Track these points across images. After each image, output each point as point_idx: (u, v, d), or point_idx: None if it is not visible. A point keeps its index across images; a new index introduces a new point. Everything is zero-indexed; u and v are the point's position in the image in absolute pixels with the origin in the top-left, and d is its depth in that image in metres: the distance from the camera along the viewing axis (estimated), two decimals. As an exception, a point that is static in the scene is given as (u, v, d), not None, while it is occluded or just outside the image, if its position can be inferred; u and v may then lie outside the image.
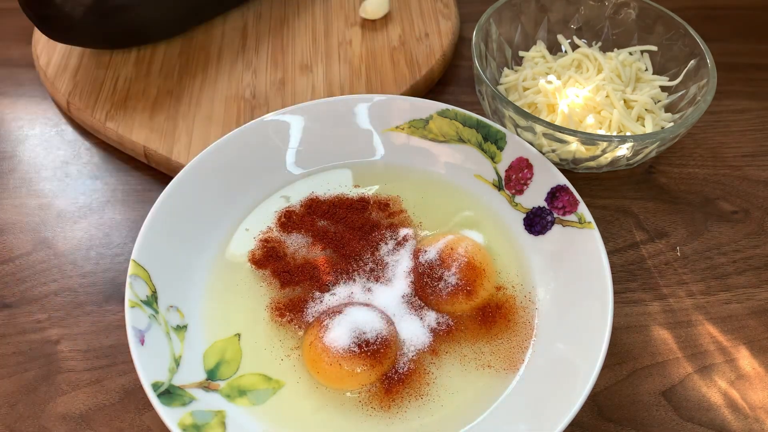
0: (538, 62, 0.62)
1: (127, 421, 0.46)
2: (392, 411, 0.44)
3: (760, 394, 0.49)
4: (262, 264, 0.50)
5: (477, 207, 0.55)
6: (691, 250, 0.57)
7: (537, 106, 0.59)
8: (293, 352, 0.46)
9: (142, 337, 0.43)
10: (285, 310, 0.48)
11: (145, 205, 0.57)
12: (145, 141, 0.59)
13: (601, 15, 0.64)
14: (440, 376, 0.46)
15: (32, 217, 0.57)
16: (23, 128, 0.64)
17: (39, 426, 0.46)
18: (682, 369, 0.50)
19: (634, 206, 0.59)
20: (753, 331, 0.52)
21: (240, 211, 0.53)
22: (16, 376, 0.48)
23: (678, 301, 0.53)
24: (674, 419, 0.47)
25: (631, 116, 0.57)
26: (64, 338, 0.50)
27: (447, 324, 0.47)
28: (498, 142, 0.54)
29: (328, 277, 0.49)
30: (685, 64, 0.60)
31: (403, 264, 0.50)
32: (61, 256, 0.54)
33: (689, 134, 0.65)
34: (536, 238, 0.52)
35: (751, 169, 0.63)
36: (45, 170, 0.61)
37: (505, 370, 0.46)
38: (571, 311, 0.47)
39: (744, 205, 0.60)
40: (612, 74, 0.59)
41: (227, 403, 0.44)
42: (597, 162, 0.56)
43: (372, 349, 0.44)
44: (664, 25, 0.61)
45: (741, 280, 0.55)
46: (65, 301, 0.52)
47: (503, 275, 0.51)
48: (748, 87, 0.69)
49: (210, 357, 0.46)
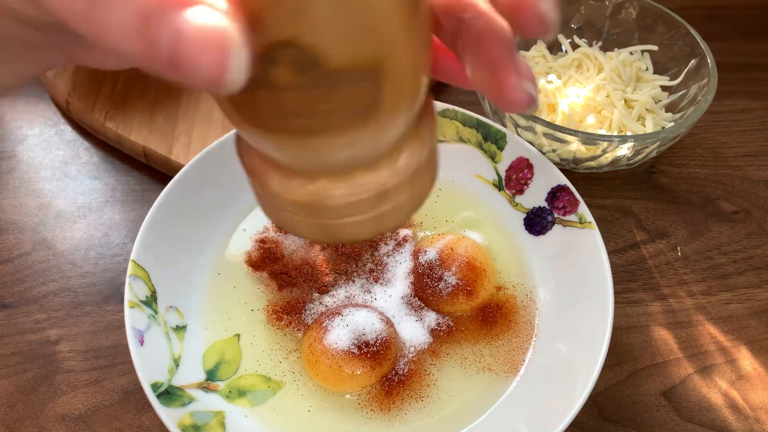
0: (539, 62, 0.62)
1: (126, 421, 0.46)
2: (392, 413, 0.44)
3: (760, 395, 0.49)
4: (259, 266, 0.50)
5: (477, 207, 0.54)
6: (691, 250, 0.56)
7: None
8: (292, 354, 0.46)
9: (141, 338, 0.43)
10: (282, 313, 0.48)
11: (144, 205, 0.57)
12: (144, 141, 0.59)
13: (601, 14, 0.64)
14: (440, 378, 0.45)
15: (31, 217, 0.57)
16: (22, 128, 0.64)
17: (38, 426, 0.46)
18: (682, 369, 0.50)
19: (635, 206, 0.59)
20: (754, 332, 0.52)
21: (239, 212, 0.53)
22: (15, 377, 0.48)
23: (678, 302, 0.53)
24: (675, 420, 0.47)
25: (631, 116, 0.57)
26: (63, 338, 0.50)
27: (447, 325, 0.47)
28: (498, 141, 0.54)
29: (327, 278, 0.49)
30: (686, 64, 0.60)
31: (403, 264, 0.50)
32: (60, 257, 0.54)
33: (690, 134, 0.65)
34: (536, 238, 0.52)
35: (752, 169, 0.62)
36: (44, 170, 0.60)
37: (505, 373, 0.46)
38: (572, 311, 0.47)
39: (744, 205, 0.60)
40: (612, 74, 0.59)
41: (227, 403, 0.44)
42: (597, 162, 0.56)
43: (371, 351, 0.44)
44: (665, 25, 0.61)
45: (742, 280, 0.55)
46: (64, 301, 0.52)
47: (503, 275, 0.51)
48: (748, 87, 0.69)
49: (209, 357, 0.46)
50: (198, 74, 0.16)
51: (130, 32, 0.16)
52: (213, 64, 0.16)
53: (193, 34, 0.16)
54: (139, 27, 0.16)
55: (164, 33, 0.16)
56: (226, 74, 0.16)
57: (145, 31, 0.16)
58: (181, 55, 0.16)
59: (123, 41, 0.16)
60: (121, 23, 0.16)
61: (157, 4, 0.16)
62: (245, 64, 0.16)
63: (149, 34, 0.16)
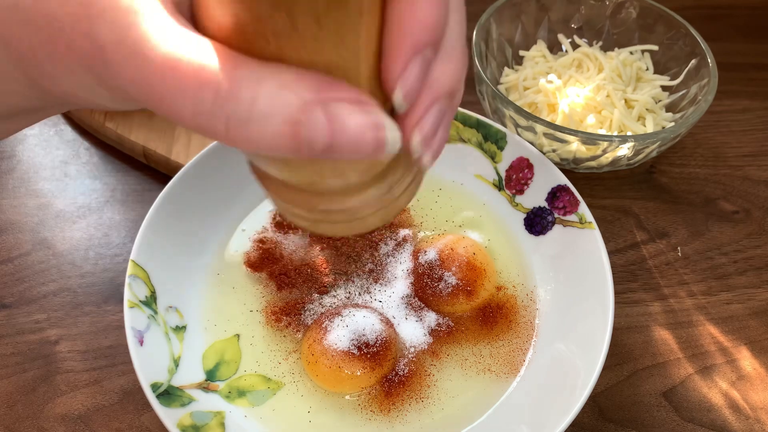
0: (539, 62, 0.62)
1: (126, 421, 0.46)
2: (392, 414, 0.44)
3: (761, 395, 0.49)
4: (258, 267, 0.50)
5: (477, 207, 0.54)
6: (691, 250, 0.56)
7: (537, 106, 0.59)
8: (292, 354, 0.46)
9: (141, 338, 0.43)
10: (281, 315, 0.48)
11: (144, 205, 0.57)
12: (144, 141, 0.59)
13: (601, 14, 0.64)
14: (441, 379, 0.45)
15: (31, 217, 0.57)
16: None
17: (38, 426, 0.46)
18: (683, 369, 0.50)
19: (635, 206, 0.59)
20: (754, 332, 0.52)
21: (239, 212, 0.53)
22: (14, 377, 0.48)
23: (679, 302, 0.53)
24: (675, 420, 0.47)
25: (631, 116, 0.57)
26: (62, 339, 0.50)
27: (447, 325, 0.47)
28: (498, 142, 0.54)
29: (327, 278, 0.49)
30: (686, 64, 0.60)
31: (403, 265, 0.50)
32: (60, 257, 0.54)
33: (690, 134, 0.64)
34: (537, 238, 0.52)
35: (752, 168, 0.62)
36: (44, 170, 0.60)
37: (505, 374, 0.46)
38: (572, 311, 0.47)
39: (745, 205, 0.60)
40: (613, 74, 0.59)
41: (226, 404, 0.44)
42: (598, 162, 0.55)
43: (371, 352, 0.44)
44: (665, 25, 0.61)
45: (742, 280, 0.55)
46: (64, 301, 0.52)
47: (504, 275, 0.51)
48: (748, 87, 0.69)
49: (209, 357, 0.46)
50: (358, 152, 0.19)
51: (279, 137, 0.18)
52: (373, 140, 0.19)
53: (350, 123, 0.19)
54: (290, 131, 0.18)
55: (317, 131, 0.18)
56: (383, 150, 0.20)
57: (295, 133, 0.18)
58: (340, 141, 0.18)
59: (272, 145, 0.18)
60: (268, 133, 0.18)
61: (302, 109, 0.18)
62: (398, 132, 0.20)
63: (300, 134, 0.18)
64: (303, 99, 0.18)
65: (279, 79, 0.18)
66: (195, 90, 0.18)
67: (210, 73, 0.18)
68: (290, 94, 0.18)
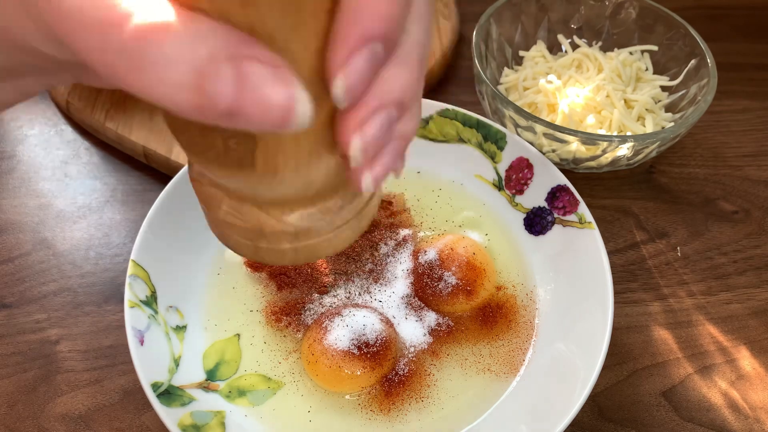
0: (539, 62, 0.62)
1: (126, 421, 0.46)
2: (392, 414, 0.44)
3: (760, 395, 0.49)
4: (258, 267, 0.50)
5: (477, 207, 0.54)
6: (691, 250, 0.56)
7: (537, 106, 0.59)
8: (292, 354, 0.46)
9: (141, 338, 0.43)
10: (281, 315, 0.48)
11: (144, 205, 0.57)
12: (144, 141, 0.59)
13: (601, 15, 0.64)
14: (440, 378, 0.45)
15: (31, 217, 0.57)
16: (22, 128, 0.64)
17: (38, 426, 0.46)
18: (682, 369, 0.50)
19: (635, 206, 0.59)
20: (753, 332, 0.52)
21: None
22: (15, 377, 0.48)
23: (678, 302, 0.53)
24: (675, 420, 0.47)
25: (631, 116, 0.57)
26: (63, 338, 0.50)
27: (447, 325, 0.47)
28: (498, 142, 0.54)
29: (327, 278, 0.49)
30: (686, 64, 0.60)
31: (403, 264, 0.50)
32: (60, 256, 0.54)
33: (690, 134, 0.65)
34: (536, 238, 0.52)
35: (752, 169, 0.62)
36: (44, 170, 0.60)
37: (505, 373, 0.46)
38: (572, 311, 0.47)
39: (744, 205, 0.60)
40: (612, 74, 0.59)
41: (227, 403, 0.44)
42: (597, 162, 0.56)
43: (372, 351, 0.44)
44: (665, 25, 0.61)
45: (741, 280, 0.55)
46: (64, 301, 0.52)
47: (503, 275, 0.51)
48: (748, 87, 0.69)
49: (209, 357, 0.46)
50: (263, 119, 0.17)
51: (180, 88, 0.17)
52: (281, 108, 0.17)
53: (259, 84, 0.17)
54: (193, 82, 0.17)
55: (222, 87, 0.17)
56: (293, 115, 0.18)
57: (199, 86, 0.17)
58: (245, 104, 0.17)
59: (172, 96, 0.17)
60: (170, 80, 0.17)
61: (210, 61, 0.17)
62: (310, 106, 0.18)
63: (204, 88, 0.17)
64: (214, 50, 0.17)
65: (195, 27, 0.17)
66: (106, 25, 0.17)
67: (124, 10, 0.17)
68: (202, 44, 0.17)
